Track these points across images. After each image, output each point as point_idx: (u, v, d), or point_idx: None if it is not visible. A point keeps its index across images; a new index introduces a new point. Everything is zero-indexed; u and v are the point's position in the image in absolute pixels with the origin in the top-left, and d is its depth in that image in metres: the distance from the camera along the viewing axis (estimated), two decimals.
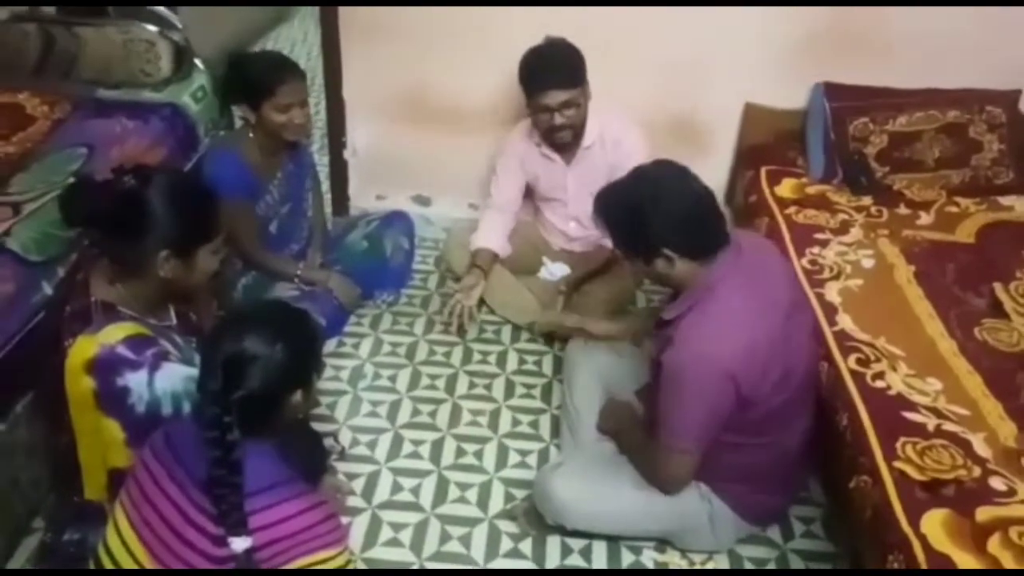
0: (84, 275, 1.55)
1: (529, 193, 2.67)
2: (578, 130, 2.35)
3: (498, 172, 2.58)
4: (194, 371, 1.45)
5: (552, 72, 2.24)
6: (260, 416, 1.27)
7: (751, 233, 1.88)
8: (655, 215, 1.53)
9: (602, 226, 1.64)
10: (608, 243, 2.53)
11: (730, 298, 1.54)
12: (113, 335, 1.44)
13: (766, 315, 1.57)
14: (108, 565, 1.30)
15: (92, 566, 1.34)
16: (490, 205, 2.62)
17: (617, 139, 2.39)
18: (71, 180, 2.11)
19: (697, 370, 1.53)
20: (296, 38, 5.03)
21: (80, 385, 1.43)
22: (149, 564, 1.26)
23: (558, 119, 2.28)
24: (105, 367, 1.42)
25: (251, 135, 2.21)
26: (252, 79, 2.14)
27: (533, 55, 2.28)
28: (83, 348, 1.42)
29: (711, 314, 1.54)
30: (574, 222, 2.59)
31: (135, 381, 1.44)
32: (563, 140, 2.36)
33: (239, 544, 1.18)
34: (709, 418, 1.58)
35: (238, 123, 2.33)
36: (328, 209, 3.00)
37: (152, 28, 2.79)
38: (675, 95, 2.71)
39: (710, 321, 1.54)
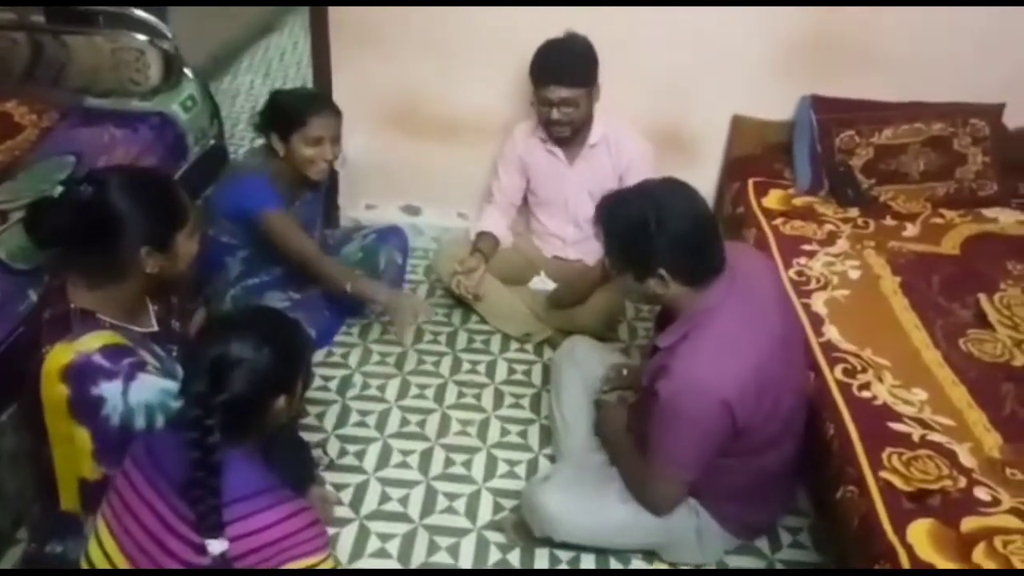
0: (62, 280, 1.52)
1: (522, 203, 2.68)
2: (576, 128, 2.38)
3: (499, 172, 2.61)
4: (171, 384, 1.43)
5: (558, 68, 2.28)
6: (243, 421, 1.26)
7: (744, 247, 1.82)
8: (657, 234, 1.50)
9: (601, 234, 1.61)
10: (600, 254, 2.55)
11: (726, 326, 1.53)
12: (90, 344, 1.42)
13: (761, 342, 1.55)
14: None
15: None
16: (490, 202, 2.64)
17: (621, 142, 2.43)
18: (59, 190, 2.11)
19: (693, 400, 1.51)
20: (286, 47, 5.03)
21: (55, 392, 1.41)
22: None
23: (555, 114, 2.33)
24: (80, 375, 1.40)
25: (274, 166, 2.20)
26: (286, 108, 2.15)
27: (547, 47, 2.31)
28: (59, 355, 1.41)
29: (707, 342, 1.52)
30: (572, 225, 2.60)
31: (110, 391, 1.41)
32: (559, 134, 2.41)
33: (215, 547, 1.17)
34: (704, 447, 1.58)
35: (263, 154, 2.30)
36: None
37: (141, 37, 2.78)
38: (663, 106, 2.73)
39: (706, 350, 1.52)
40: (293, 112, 2.14)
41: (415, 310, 2.17)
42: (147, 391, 1.45)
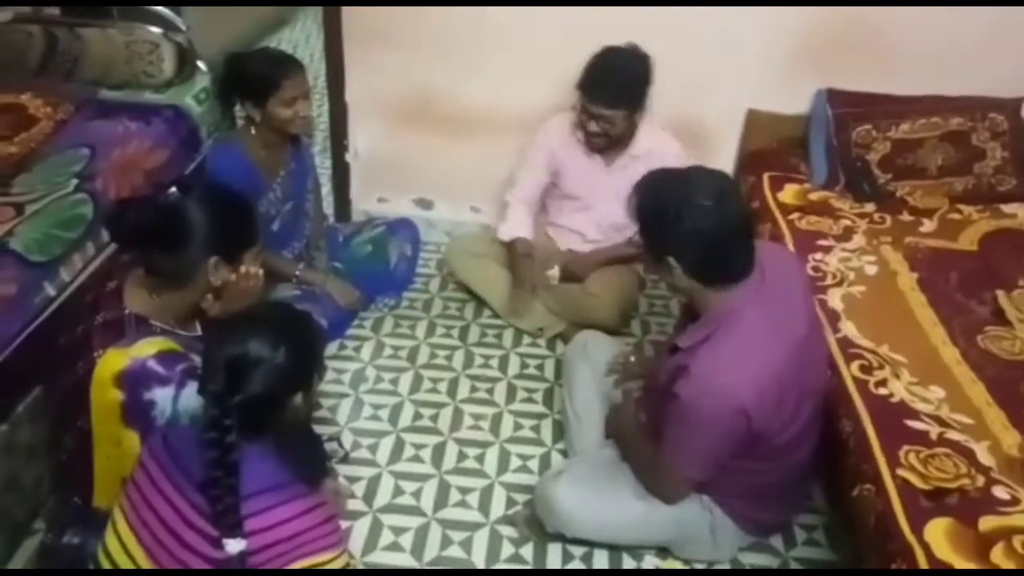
0: (117, 285, 1.53)
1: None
2: (613, 141, 2.38)
3: (528, 162, 2.56)
4: None
5: (603, 87, 2.27)
6: (260, 418, 1.26)
7: (775, 247, 1.82)
8: (674, 224, 1.48)
9: (632, 208, 1.59)
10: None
11: (748, 330, 1.50)
12: (145, 350, 1.43)
13: (782, 348, 1.53)
14: (106, 566, 1.30)
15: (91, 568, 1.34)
16: (515, 196, 2.60)
17: (665, 157, 2.39)
18: (74, 182, 2.12)
19: (711, 405, 1.50)
20: (299, 41, 5.03)
21: (107, 397, 1.42)
22: (147, 566, 1.25)
23: (592, 126, 2.33)
24: (134, 380, 1.41)
25: (253, 132, 2.19)
26: (256, 76, 2.12)
27: (599, 60, 2.29)
28: (113, 360, 1.41)
29: (728, 346, 1.50)
30: (595, 226, 2.58)
31: (161, 396, 1.42)
32: (595, 145, 2.41)
33: (233, 546, 1.18)
34: (718, 450, 1.58)
35: (239, 124, 2.32)
36: (330, 211, 3.00)
37: (155, 30, 2.79)
38: (678, 100, 2.69)
39: (726, 354, 1.50)
40: (265, 77, 2.11)
41: (344, 292, 2.46)
42: (195, 400, 1.45)
